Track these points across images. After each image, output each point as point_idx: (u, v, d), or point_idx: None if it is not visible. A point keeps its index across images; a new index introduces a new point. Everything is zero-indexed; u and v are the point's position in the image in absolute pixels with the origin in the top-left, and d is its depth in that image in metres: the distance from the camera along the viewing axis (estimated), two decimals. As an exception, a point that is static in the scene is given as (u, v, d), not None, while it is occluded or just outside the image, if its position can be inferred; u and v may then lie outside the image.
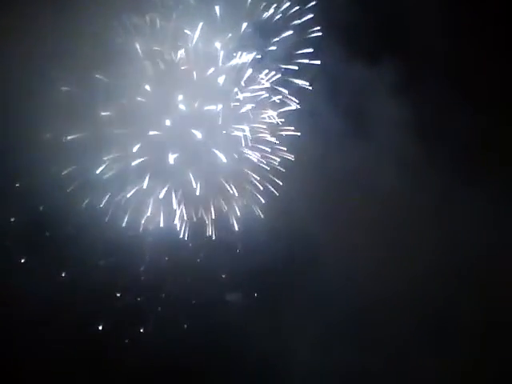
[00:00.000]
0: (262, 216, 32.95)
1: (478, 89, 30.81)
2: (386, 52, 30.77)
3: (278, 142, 32.32)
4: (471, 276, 30.14)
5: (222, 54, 31.80)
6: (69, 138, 31.44)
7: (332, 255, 31.00)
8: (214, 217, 32.71)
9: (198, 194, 32.11)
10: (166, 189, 32.23)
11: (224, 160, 31.91)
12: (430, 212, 30.88)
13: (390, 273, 30.21)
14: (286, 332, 31.44)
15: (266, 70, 32.28)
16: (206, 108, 31.67)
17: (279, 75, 32.24)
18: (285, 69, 32.59)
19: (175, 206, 32.00)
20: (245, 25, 32.02)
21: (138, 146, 31.59)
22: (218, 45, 31.80)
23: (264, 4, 32.08)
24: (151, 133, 31.65)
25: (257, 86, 32.27)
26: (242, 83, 32.14)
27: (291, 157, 32.59)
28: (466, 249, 29.79)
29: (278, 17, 32.33)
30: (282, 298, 31.84)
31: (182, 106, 31.66)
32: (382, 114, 31.20)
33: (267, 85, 32.22)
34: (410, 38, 31.18)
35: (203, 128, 31.69)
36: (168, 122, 31.52)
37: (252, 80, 32.37)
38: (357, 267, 30.77)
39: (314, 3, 31.87)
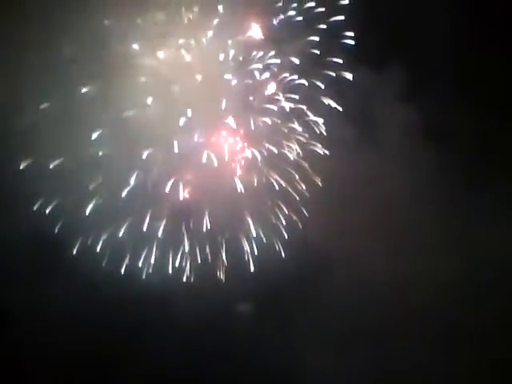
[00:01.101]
0: (284, 255, 27.68)
1: (489, 92, 29.37)
2: (394, 58, 28.42)
3: (305, 165, 27.08)
4: (489, 284, 28.76)
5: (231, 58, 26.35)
6: (52, 165, 25.30)
7: (345, 266, 28.66)
8: (226, 257, 27.24)
9: (205, 229, 26.83)
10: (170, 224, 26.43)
11: (241, 189, 26.43)
12: (444, 220, 29.32)
13: (405, 284, 28.44)
14: (298, 344, 28.87)
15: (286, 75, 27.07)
16: (218, 124, 26.13)
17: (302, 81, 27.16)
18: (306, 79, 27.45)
19: (186, 246, 26.37)
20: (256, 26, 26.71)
21: (135, 174, 25.76)
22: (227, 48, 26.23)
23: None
24: (152, 156, 25.83)
25: (276, 97, 26.96)
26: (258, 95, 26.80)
27: (318, 180, 27.50)
28: (481, 255, 28.30)
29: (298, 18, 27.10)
30: (294, 310, 29.08)
31: (189, 123, 25.95)
32: (391, 122, 28.89)
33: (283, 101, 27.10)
34: (418, 43, 29.06)
35: (215, 149, 26.15)
36: (175, 143, 25.76)
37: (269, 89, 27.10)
38: (370, 279, 28.73)
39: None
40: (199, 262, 27.37)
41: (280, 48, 26.84)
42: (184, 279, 27.51)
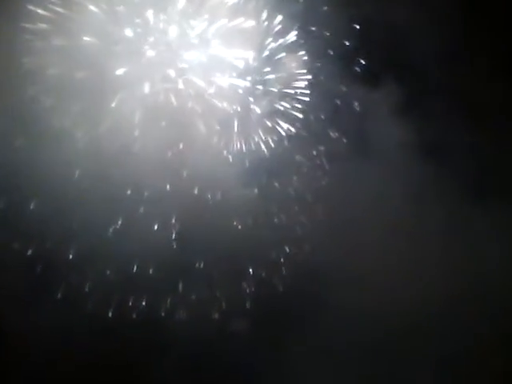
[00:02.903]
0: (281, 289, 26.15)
1: (486, 108, 28.44)
2: (388, 74, 27.16)
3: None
4: (487, 303, 27.62)
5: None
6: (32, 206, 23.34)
7: (341, 287, 27.14)
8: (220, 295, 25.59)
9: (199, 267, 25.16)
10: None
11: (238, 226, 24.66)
12: (442, 238, 28.19)
13: (402, 304, 27.18)
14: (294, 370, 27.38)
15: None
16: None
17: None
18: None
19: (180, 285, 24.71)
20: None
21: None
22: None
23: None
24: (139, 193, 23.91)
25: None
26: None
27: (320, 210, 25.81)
28: (485, 270, 27.61)
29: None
30: (290, 332, 27.38)
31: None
32: (386, 137, 27.40)
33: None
34: (412, 58, 27.80)
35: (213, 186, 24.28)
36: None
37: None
38: (368, 299, 27.22)
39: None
40: (193, 298, 25.58)
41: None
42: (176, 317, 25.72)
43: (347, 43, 25.37)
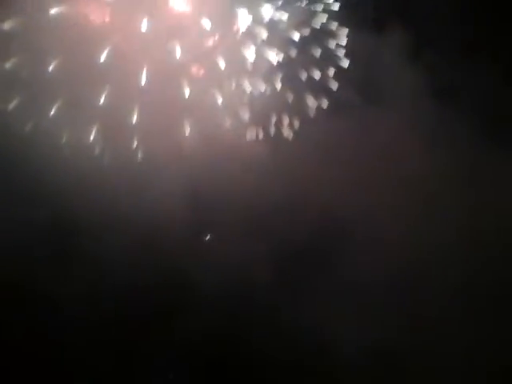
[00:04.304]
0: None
1: (495, 49, 27.40)
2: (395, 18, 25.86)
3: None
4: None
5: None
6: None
7: (357, 232, 25.96)
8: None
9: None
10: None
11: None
12: (456, 181, 27.34)
13: (416, 246, 26.18)
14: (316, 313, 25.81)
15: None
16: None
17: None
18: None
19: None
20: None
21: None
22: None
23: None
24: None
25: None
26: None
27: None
28: (496, 216, 26.82)
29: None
30: (306, 277, 26.12)
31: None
32: (395, 83, 26.02)
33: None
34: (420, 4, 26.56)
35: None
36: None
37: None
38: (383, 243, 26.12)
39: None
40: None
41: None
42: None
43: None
